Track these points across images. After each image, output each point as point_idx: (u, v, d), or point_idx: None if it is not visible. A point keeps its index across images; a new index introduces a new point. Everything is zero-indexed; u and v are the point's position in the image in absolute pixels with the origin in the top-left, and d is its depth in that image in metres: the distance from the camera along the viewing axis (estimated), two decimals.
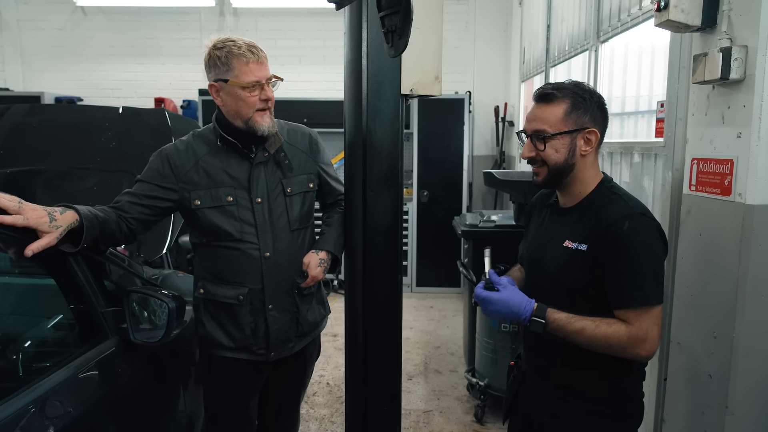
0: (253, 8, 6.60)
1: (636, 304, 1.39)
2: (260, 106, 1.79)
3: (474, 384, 3.50)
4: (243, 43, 1.76)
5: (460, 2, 6.58)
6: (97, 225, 1.63)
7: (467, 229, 3.73)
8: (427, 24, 1.85)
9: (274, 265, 1.86)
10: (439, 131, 6.05)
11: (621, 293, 1.41)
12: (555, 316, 1.43)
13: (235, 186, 1.84)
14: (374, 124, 1.77)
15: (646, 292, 1.39)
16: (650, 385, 2.46)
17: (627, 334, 1.38)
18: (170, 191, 1.83)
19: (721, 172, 1.78)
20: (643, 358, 1.41)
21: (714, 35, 1.80)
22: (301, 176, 1.94)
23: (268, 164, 1.88)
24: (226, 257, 1.85)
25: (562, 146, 1.49)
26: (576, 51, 3.94)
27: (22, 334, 1.87)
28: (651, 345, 1.38)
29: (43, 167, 2.79)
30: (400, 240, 1.87)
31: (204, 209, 1.82)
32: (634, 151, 2.81)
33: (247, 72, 1.75)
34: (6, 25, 6.78)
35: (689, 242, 2.02)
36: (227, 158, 1.85)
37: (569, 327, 1.42)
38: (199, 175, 1.83)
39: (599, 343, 1.40)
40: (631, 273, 1.40)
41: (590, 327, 1.40)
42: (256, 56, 1.76)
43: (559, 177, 1.52)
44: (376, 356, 1.88)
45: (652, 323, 1.38)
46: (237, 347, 1.89)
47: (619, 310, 1.41)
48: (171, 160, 1.83)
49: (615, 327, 1.39)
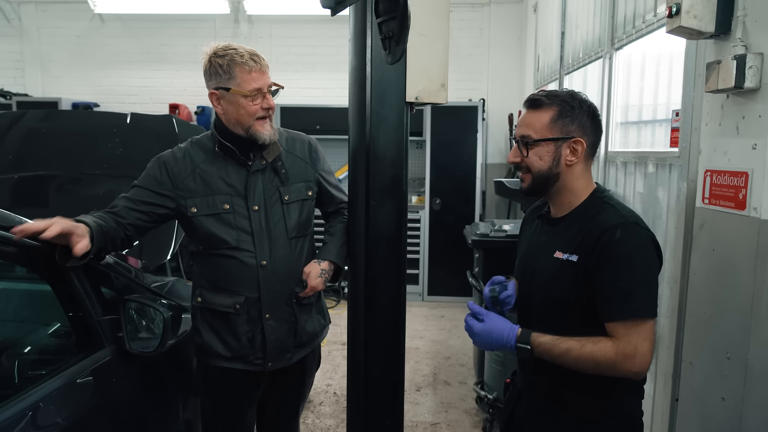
0: (267, 15, 6.63)
1: (624, 316, 1.32)
2: (261, 114, 1.77)
3: (482, 397, 3.43)
4: (245, 51, 1.74)
5: (475, 9, 6.55)
6: (102, 234, 1.65)
7: (478, 239, 3.68)
8: (434, 30, 1.80)
9: (271, 274, 1.83)
10: (452, 139, 6.00)
11: (609, 305, 1.35)
12: (540, 340, 1.38)
13: (231, 194, 1.82)
14: (378, 132, 1.74)
15: (636, 304, 1.32)
16: (663, 404, 2.39)
17: (614, 351, 1.31)
18: (167, 198, 1.81)
19: (735, 185, 1.71)
20: (634, 375, 1.34)
21: (728, 42, 1.73)
22: (299, 184, 1.91)
23: (266, 172, 1.85)
24: (222, 265, 1.83)
25: (546, 153, 1.45)
26: (590, 58, 3.88)
27: (20, 340, 1.86)
28: (642, 360, 1.31)
29: (56, 172, 2.81)
30: (404, 250, 1.82)
31: (200, 217, 1.80)
32: (649, 161, 2.75)
33: (249, 80, 1.73)
34: (26, 33, 6.90)
35: (702, 258, 1.95)
36: (224, 165, 1.83)
37: (555, 350, 1.36)
38: (195, 182, 1.81)
39: (586, 363, 1.34)
40: (620, 283, 1.33)
41: (576, 347, 1.34)
42: (258, 64, 1.74)
43: (544, 185, 1.49)
44: (377, 369, 1.84)
45: (642, 338, 1.31)
46: (233, 357, 1.86)
47: (607, 322, 1.35)
48: (168, 166, 1.82)
49: (601, 345, 1.33)
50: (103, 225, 1.66)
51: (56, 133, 2.89)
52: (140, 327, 1.74)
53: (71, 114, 4.37)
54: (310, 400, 3.68)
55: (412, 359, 4.45)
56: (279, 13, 6.57)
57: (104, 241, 1.65)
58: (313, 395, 3.77)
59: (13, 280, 2.07)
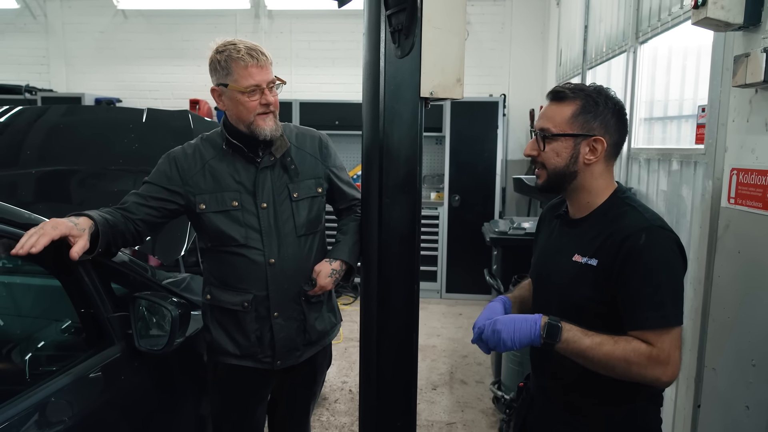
0: (287, 10, 6.62)
1: (654, 324, 1.27)
2: (261, 110, 1.74)
3: (499, 397, 3.38)
4: (243, 46, 1.71)
5: (497, 3, 6.45)
6: (110, 229, 1.64)
7: (496, 236, 3.63)
8: (449, 24, 1.75)
9: (279, 272, 1.81)
10: (472, 134, 5.93)
11: (637, 312, 1.28)
12: (570, 325, 1.31)
13: (240, 190, 1.80)
14: (392, 128, 1.70)
15: (665, 312, 1.26)
16: (685, 409, 2.31)
17: (648, 355, 1.25)
18: (176, 194, 1.80)
19: (763, 184, 1.63)
20: (663, 383, 1.28)
21: (758, 34, 1.65)
22: (308, 180, 1.88)
23: (275, 168, 1.83)
24: (230, 263, 1.82)
25: (563, 150, 1.39)
26: (614, 52, 3.78)
27: (32, 336, 1.87)
28: (673, 369, 1.26)
29: (78, 167, 2.84)
30: (418, 248, 1.79)
31: (209, 213, 1.79)
32: (673, 158, 2.66)
33: (246, 76, 1.70)
34: (52, 29, 7.00)
35: (727, 260, 1.87)
36: (233, 162, 1.82)
37: (585, 339, 1.28)
38: (205, 179, 1.80)
39: (618, 361, 1.26)
40: (647, 290, 1.27)
41: (609, 342, 1.27)
42: (256, 60, 1.70)
43: (560, 183, 1.43)
44: (389, 369, 1.81)
45: (673, 346, 1.26)
46: (242, 355, 1.85)
47: (635, 330, 1.29)
48: (178, 162, 1.81)
49: (635, 345, 1.27)
50: (110, 220, 1.65)
51: (76, 128, 2.92)
52: (151, 324, 1.73)
53: (91, 109, 4.42)
54: (325, 398, 3.67)
55: (428, 357, 4.42)
56: (299, 8, 6.56)
57: (112, 236, 1.64)
58: (328, 392, 3.76)
59: (27, 275, 2.08)
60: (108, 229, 1.63)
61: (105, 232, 1.60)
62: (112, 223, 1.65)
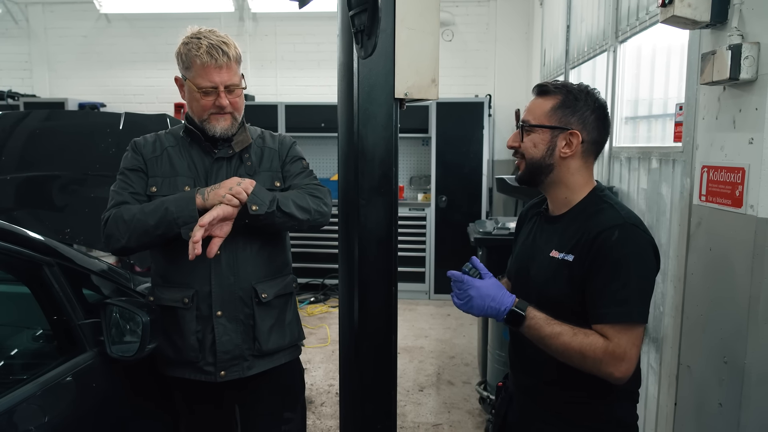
0: (271, 13, 6.60)
1: (614, 319, 1.27)
2: (215, 111, 1.72)
3: (485, 398, 3.38)
4: (206, 43, 1.66)
5: (481, 4, 6.47)
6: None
7: (480, 237, 3.62)
8: (422, 24, 1.75)
9: (225, 266, 1.73)
10: (458, 135, 5.94)
11: (600, 307, 1.29)
12: (536, 313, 1.33)
13: (194, 177, 1.77)
14: (366, 129, 1.69)
15: (628, 309, 1.27)
16: (667, 406, 2.32)
17: (603, 349, 1.26)
18: (145, 174, 1.79)
19: (732, 181, 1.63)
20: (616, 379, 1.28)
21: (724, 32, 1.65)
22: (265, 173, 1.83)
23: (232, 160, 1.80)
24: (175, 256, 1.73)
25: (540, 141, 1.43)
26: (595, 52, 3.79)
27: (2, 344, 1.84)
28: (628, 366, 1.27)
29: (59, 173, 2.82)
30: (395, 250, 1.78)
31: (159, 197, 1.73)
32: (653, 156, 2.67)
33: (202, 75, 1.67)
34: (34, 34, 6.95)
35: (699, 257, 1.87)
36: (190, 151, 1.80)
37: (546, 328, 1.31)
38: (161, 163, 1.78)
39: (573, 352, 1.28)
40: (614, 287, 1.28)
41: (568, 333, 1.29)
42: (215, 59, 1.65)
43: (537, 174, 1.45)
44: (369, 371, 1.80)
45: (631, 343, 1.27)
46: (182, 362, 1.76)
47: (597, 324, 1.30)
48: (138, 147, 1.81)
49: (592, 338, 1.28)
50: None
51: (57, 133, 2.90)
52: (125, 331, 1.71)
53: (71, 114, 4.39)
54: (311, 401, 3.66)
55: (416, 359, 4.41)
56: (284, 10, 6.54)
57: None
58: (314, 395, 3.75)
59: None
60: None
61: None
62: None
